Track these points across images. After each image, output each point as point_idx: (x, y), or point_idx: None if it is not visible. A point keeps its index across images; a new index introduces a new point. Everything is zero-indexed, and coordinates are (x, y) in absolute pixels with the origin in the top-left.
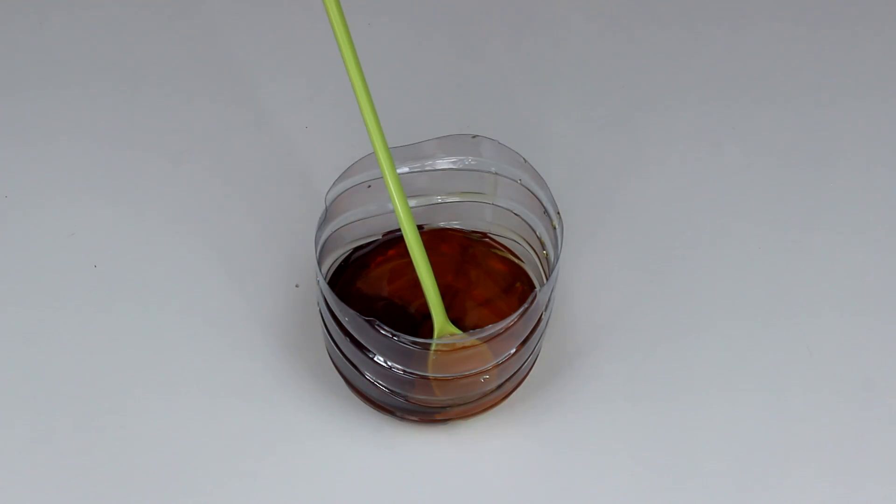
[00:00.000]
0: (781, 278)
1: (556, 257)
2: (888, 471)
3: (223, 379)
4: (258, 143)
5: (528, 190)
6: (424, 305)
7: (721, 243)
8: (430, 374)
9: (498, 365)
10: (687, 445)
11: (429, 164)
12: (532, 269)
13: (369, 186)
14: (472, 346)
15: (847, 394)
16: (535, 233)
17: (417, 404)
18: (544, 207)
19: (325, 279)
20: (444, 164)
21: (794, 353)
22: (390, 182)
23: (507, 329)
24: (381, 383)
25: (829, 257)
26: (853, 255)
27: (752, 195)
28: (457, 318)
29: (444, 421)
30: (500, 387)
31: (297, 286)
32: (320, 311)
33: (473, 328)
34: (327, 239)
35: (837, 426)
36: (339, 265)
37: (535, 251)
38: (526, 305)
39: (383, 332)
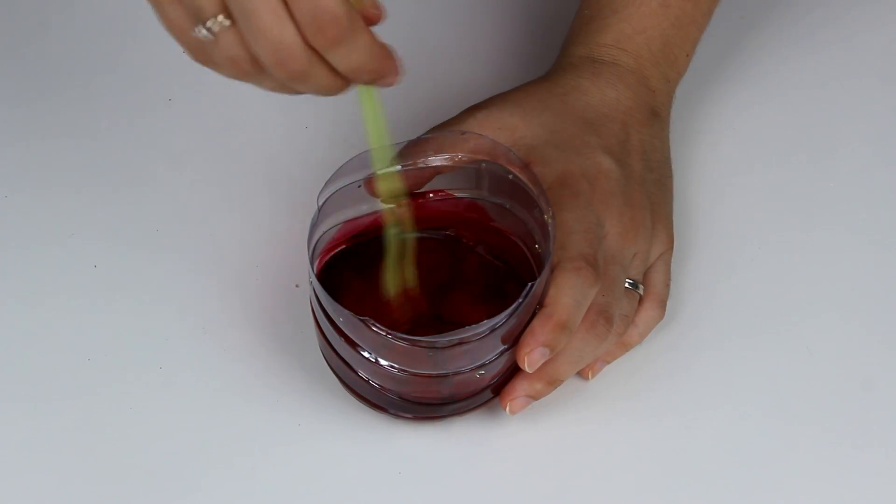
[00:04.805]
0: (781, 278)
1: (549, 252)
2: (888, 471)
3: (224, 379)
4: (259, 143)
5: (519, 185)
6: (419, 301)
7: (721, 243)
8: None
9: (493, 360)
10: (687, 445)
11: (420, 162)
12: (524, 265)
13: (359, 186)
14: (467, 341)
15: (847, 394)
16: (526, 227)
17: (411, 401)
18: (535, 202)
19: (318, 279)
20: (434, 160)
21: (794, 354)
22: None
23: (501, 324)
24: (374, 381)
25: (829, 257)
26: (853, 255)
27: (752, 195)
28: (450, 315)
29: (439, 418)
30: (495, 383)
31: (297, 286)
32: (313, 309)
33: (467, 324)
34: (319, 239)
35: (837, 426)
36: (332, 265)
37: (526, 246)
38: (520, 300)
39: (375, 329)
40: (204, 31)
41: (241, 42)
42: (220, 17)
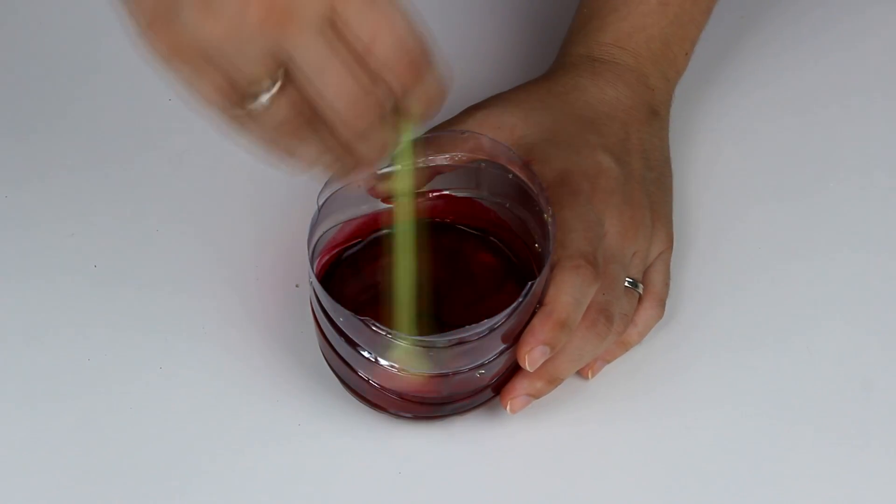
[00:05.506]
0: (781, 278)
1: (549, 251)
2: (888, 471)
3: (224, 379)
4: None
5: (519, 184)
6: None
7: (721, 243)
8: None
9: (493, 360)
10: (687, 444)
11: (420, 162)
12: (524, 264)
13: (359, 186)
14: (467, 340)
15: (847, 394)
16: (526, 227)
17: (411, 401)
18: (535, 201)
19: (318, 279)
20: (434, 160)
21: (794, 354)
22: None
23: (501, 323)
24: (374, 381)
25: (829, 258)
26: (853, 256)
27: (752, 195)
28: (450, 314)
29: (439, 418)
30: (495, 382)
31: (297, 286)
32: (313, 310)
33: (468, 323)
34: (319, 239)
35: (837, 426)
36: (332, 264)
37: (527, 245)
38: (521, 298)
39: (375, 329)
40: (259, 103)
41: (293, 104)
42: (275, 85)
